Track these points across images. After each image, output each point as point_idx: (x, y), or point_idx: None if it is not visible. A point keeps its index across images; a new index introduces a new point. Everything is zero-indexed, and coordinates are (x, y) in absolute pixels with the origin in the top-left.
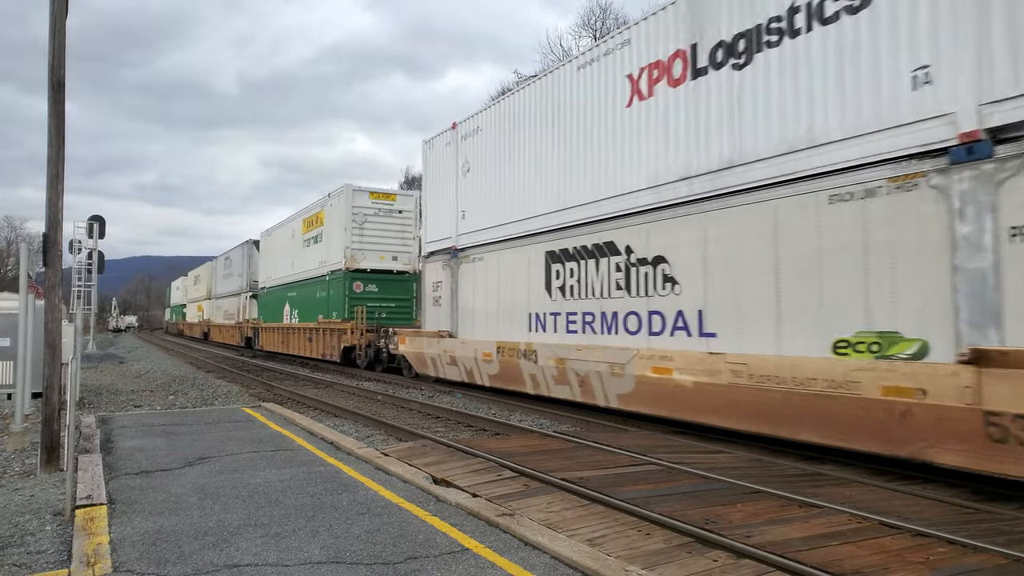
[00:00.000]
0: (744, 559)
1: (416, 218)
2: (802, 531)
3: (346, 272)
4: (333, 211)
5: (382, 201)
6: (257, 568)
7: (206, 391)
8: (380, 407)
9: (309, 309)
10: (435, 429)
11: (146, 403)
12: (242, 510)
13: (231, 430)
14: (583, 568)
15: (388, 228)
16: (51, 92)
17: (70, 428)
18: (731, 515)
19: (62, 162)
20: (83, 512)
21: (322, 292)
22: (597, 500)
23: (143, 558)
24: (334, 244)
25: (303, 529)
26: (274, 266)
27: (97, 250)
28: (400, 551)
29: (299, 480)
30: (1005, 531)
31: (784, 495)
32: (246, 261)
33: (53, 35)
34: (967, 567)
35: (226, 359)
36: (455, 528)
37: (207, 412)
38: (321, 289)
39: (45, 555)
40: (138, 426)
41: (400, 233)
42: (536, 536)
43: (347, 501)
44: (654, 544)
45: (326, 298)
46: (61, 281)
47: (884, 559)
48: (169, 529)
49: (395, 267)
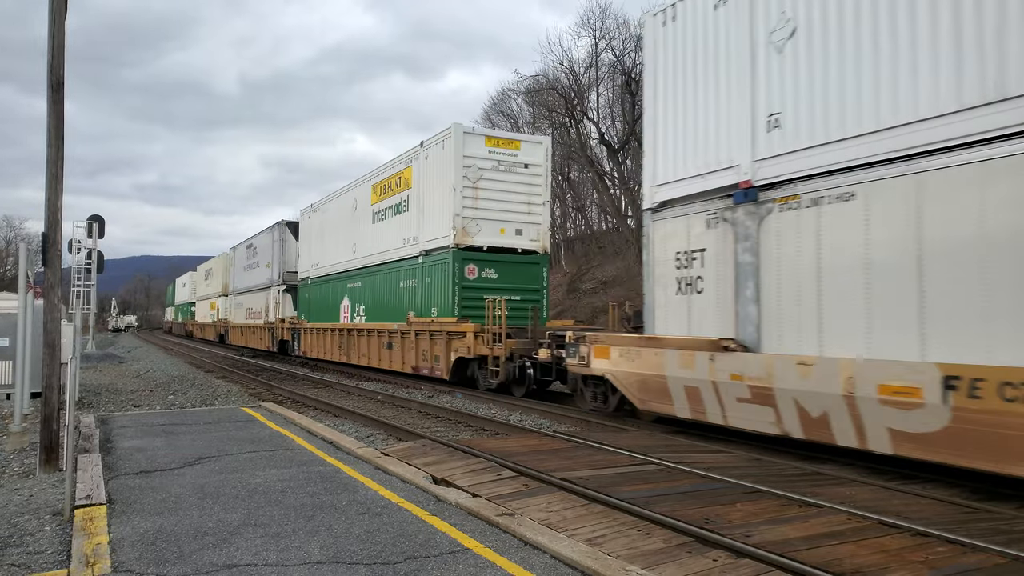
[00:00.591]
0: (744, 559)
1: (547, 175)
2: (802, 530)
3: (456, 250)
4: (430, 166)
5: (502, 150)
6: (257, 568)
7: (206, 391)
8: (380, 407)
9: (385, 304)
10: (435, 429)
11: (145, 403)
12: (242, 510)
13: (231, 430)
14: (583, 568)
15: (511, 189)
16: (50, 92)
17: (69, 428)
18: (731, 515)
19: (61, 162)
20: (82, 512)
21: (410, 280)
22: (597, 500)
23: (142, 558)
24: (433, 211)
25: (303, 529)
26: (322, 251)
27: (96, 250)
28: (400, 551)
29: (299, 480)
30: (1004, 530)
31: (784, 494)
32: (277, 248)
33: (52, 35)
34: (966, 566)
35: (226, 359)
36: (455, 528)
37: (207, 412)
38: (409, 276)
39: (44, 555)
40: (137, 426)
41: (527, 196)
42: (536, 536)
43: (347, 501)
44: (654, 544)
45: (418, 288)
46: (60, 281)
47: (884, 558)
48: (168, 529)
49: (519, 244)
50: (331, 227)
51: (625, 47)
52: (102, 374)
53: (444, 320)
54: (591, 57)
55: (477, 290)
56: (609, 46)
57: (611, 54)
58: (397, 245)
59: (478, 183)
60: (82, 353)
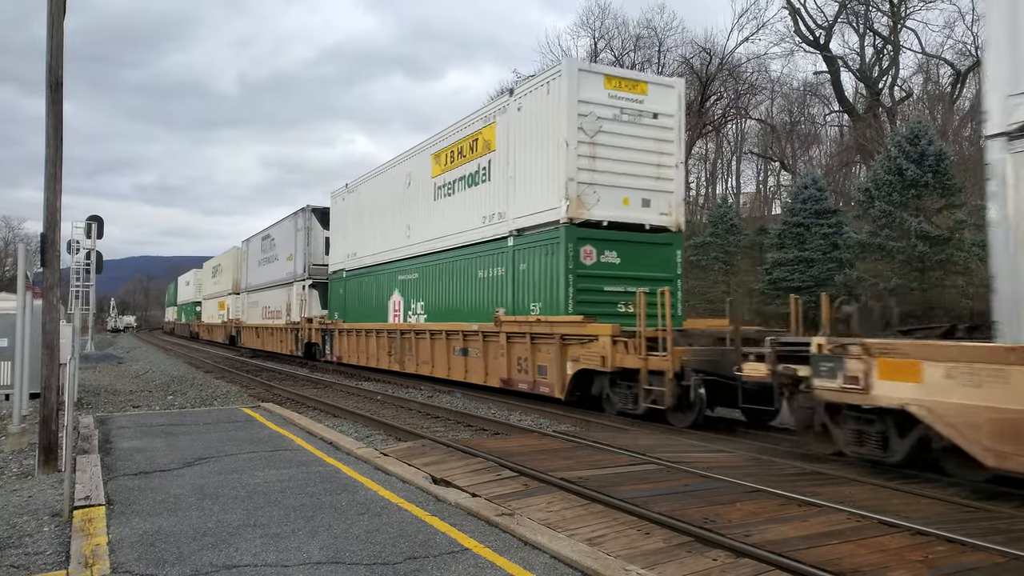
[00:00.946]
0: (743, 558)
1: (680, 128)
2: (801, 530)
3: (569, 227)
4: (524, 119)
5: (625, 95)
6: (256, 568)
7: (205, 391)
8: (379, 407)
9: (456, 300)
10: (434, 429)
11: (145, 403)
12: (241, 510)
13: (230, 430)
14: (583, 567)
15: (636, 146)
16: (49, 92)
17: (68, 429)
18: (730, 514)
19: (60, 162)
20: (81, 513)
21: (494, 268)
22: (597, 499)
23: (141, 559)
24: (531, 178)
25: (302, 529)
26: (362, 238)
27: (95, 250)
28: (399, 551)
29: (298, 480)
30: (1003, 529)
31: (783, 494)
32: (302, 237)
33: (51, 35)
34: (965, 565)
35: (225, 359)
36: (454, 528)
37: (206, 412)
38: (492, 263)
39: (43, 556)
40: (136, 426)
41: (656, 155)
42: (536, 536)
43: (346, 501)
44: (653, 543)
45: (506, 278)
46: (59, 281)
47: (883, 558)
48: (168, 530)
49: (648, 219)
50: (375, 209)
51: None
52: (101, 375)
53: (559, 319)
54: (590, 57)
55: (595, 279)
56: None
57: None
58: (473, 225)
59: (596, 137)
60: (81, 354)
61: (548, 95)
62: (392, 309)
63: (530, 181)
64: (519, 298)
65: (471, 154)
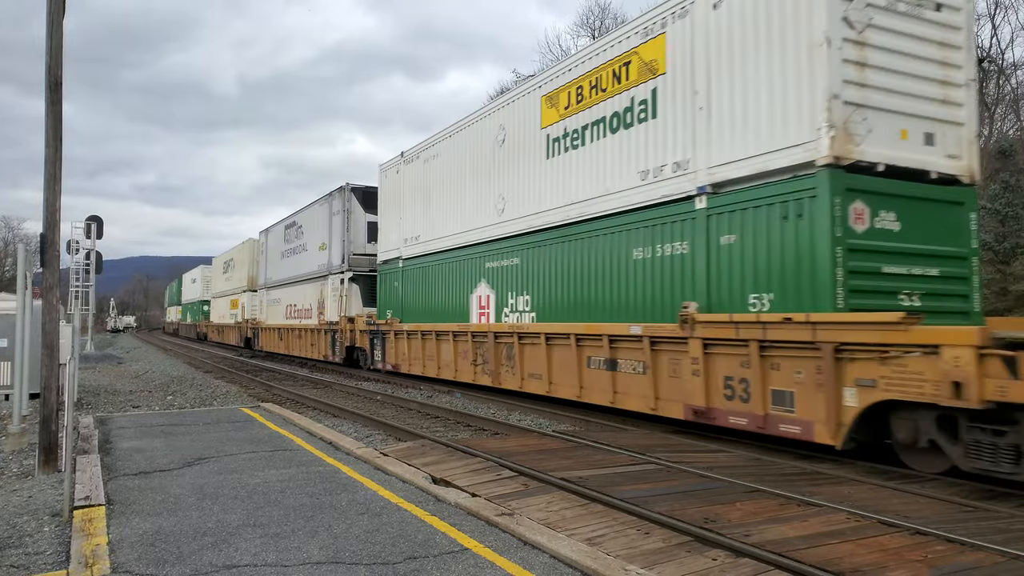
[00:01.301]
0: (743, 558)
1: (970, 27)
2: (801, 530)
3: (834, 171)
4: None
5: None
6: (256, 568)
7: (204, 391)
8: (379, 407)
9: (589, 293)
10: (434, 429)
11: (144, 403)
12: (241, 510)
13: (230, 430)
14: (582, 567)
15: (915, 50)
16: (48, 93)
17: (68, 429)
18: (730, 514)
19: (59, 162)
20: (81, 513)
21: (665, 245)
22: (596, 499)
23: (141, 559)
24: (748, 104)
25: (302, 529)
26: (429, 217)
27: (95, 250)
28: (399, 551)
29: (298, 480)
30: (1002, 529)
31: (783, 494)
32: (340, 222)
33: (50, 35)
34: (965, 565)
35: (225, 359)
36: (454, 528)
37: (206, 412)
38: (665, 238)
39: (43, 556)
40: (136, 427)
41: (941, 68)
42: (535, 535)
43: (346, 501)
44: (653, 543)
45: (689, 258)
46: (59, 281)
47: (882, 557)
48: (168, 530)
49: (933, 163)
50: (446, 180)
51: None
52: (101, 375)
53: (832, 319)
54: None
55: (871, 255)
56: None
57: None
58: (622, 185)
59: (864, 34)
60: (81, 354)
61: None
62: (476, 305)
63: (743, 109)
64: (722, 287)
65: (616, 85)
